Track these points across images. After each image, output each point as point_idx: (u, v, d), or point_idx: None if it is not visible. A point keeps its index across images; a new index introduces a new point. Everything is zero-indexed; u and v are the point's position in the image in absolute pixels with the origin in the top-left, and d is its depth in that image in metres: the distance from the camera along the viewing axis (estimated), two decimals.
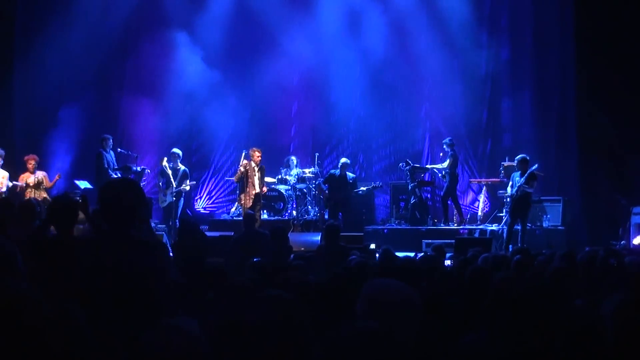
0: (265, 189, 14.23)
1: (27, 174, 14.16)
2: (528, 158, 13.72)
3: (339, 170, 15.52)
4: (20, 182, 14.03)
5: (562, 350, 2.31)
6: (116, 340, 2.58)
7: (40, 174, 14.28)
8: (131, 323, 2.84)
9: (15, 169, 14.32)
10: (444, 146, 15.59)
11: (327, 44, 17.66)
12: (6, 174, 13.87)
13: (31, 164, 14.17)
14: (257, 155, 14.17)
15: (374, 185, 16.21)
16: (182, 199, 14.85)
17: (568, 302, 3.72)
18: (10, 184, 13.88)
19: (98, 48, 17.22)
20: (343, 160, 15.83)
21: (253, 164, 14.23)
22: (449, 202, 15.61)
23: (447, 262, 8.37)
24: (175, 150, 15.08)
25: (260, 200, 14.23)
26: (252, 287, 4.92)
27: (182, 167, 14.79)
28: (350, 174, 15.61)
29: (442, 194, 15.92)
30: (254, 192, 14.05)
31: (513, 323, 2.98)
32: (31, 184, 14.00)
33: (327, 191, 15.33)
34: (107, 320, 3.18)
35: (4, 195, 13.25)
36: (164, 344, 2.21)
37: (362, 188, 15.81)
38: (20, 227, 6.33)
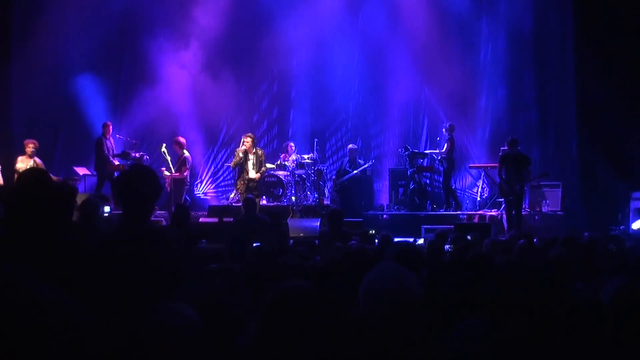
0: (258, 175, 14.06)
1: (25, 157, 13.84)
2: (517, 138, 13.80)
3: (347, 157, 16.19)
4: (17, 167, 13.57)
5: (562, 334, 2.30)
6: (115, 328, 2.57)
7: (38, 161, 13.99)
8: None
9: (13, 157, 14.19)
10: (443, 130, 15.62)
11: (325, 29, 17.59)
12: None
13: (30, 147, 13.80)
14: (246, 141, 14.06)
15: (370, 162, 16.50)
16: (185, 185, 14.82)
17: (568, 286, 3.71)
18: None
19: (96, 33, 17.13)
20: (350, 146, 16.31)
21: (243, 149, 14.09)
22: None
23: (447, 247, 8.36)
24: (180, 139, 15.05)
25: (255, 185, 14.11)
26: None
27: (185, 153, 14.75)
28: (360, 161, 16.04)
29: (442, 179, 15.90)
30: (247, 178, 13.99)
31: (514, 308, 2.96)
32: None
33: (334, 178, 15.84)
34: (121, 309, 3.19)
35: None
36: (162, 327, 2.20)
37: (359, 168, 15.94)
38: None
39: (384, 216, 15.56)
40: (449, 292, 4.77)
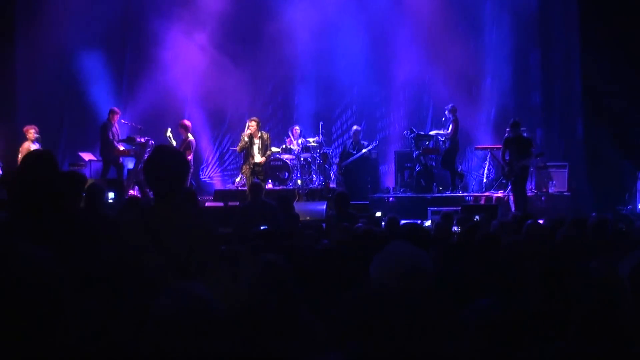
0: (264, 159, 14.00)
1: (27, 143, 13.76)
2: (519, 121, 13.78)
3: (351, 139, 16.00)
4: (21, 154, 13.56)
5: (581, 310, 2.28)
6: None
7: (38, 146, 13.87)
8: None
9: (18, 142, 14.16)
10: (446, 112, 15.58)
11: (330, 12, 17.50)
12: None
13: (31, 133, 13.69)
14: (251, 125, 14.01)
15: (374, 144, 16.36)
16: (189, 169, 14.73)
17: (582, 264, 3.70)
18: None
19: (100, 16, 17.11)
20: (354, 127, 16.20)
21: (248, 133, 14.04)
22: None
23: (455, 228, 8.36)
24: (186, 122, 14.97)
25: (261, 169, 14.07)
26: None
27: (190, 137, 14.67)
28: (364, 142, 15.96)
29: (441, 159, 15.84)
30: (252, 162, 13.97)
31: (526, 286, 2.95)
32: None
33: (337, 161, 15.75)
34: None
35: None
36: (178, 307, 2.20)
37: (363, 150, 15.89)
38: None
39: (390, 199, 15.54)
40: (458, 272, 4.76)
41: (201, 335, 2.20)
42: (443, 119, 15.72)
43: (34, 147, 13.34)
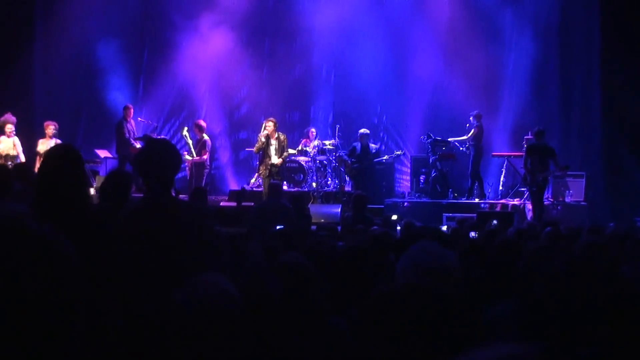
0: (280, 160, 14.00)
1: (45, 139, 13.69)
2: (543, 129, 13.68)
3: (359, 142, 15.56)
4: (38, 149, 13.39)
5: (610, 315, 2.23)
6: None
7: (59, 143, 13.79)
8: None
9: (34, 138, 14.17)
10: (471, 118, 15.46)
11: (350, 15, 17.51)
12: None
13: (50, 129, 13.58)
14: (268, 125, 14.00)
15: (396, 152, 16.21)
16: (205, 169, 14.75)
17: (610, 268, 3.64)
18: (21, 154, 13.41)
19: (119, 13, 17.20)
20: (362, 130, 15.85)
21: (265, 133, 14.04)
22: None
23: (472, 234, 8.29)
24: (201, 122, 14.99)
25: (277, 170, 14.06)
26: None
27: (205, 137, 14.69)
28: (372, 145, 15.71)
29: (470, 168, 15.59)
30: (270, 163, 13.96)
31: (550, 292, 2.90)
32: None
33: (349, 161, 15.44)
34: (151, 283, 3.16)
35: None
36: (199, 298, 2.16)
37: (384, 157, 15.81)
38: None
39: (405, 204, 15.45)
40: (476, 277, 4.71)
41: (223, 330, 2.16)
42: (467, 125, 15.57)
43: (52, 142, 13.24)
